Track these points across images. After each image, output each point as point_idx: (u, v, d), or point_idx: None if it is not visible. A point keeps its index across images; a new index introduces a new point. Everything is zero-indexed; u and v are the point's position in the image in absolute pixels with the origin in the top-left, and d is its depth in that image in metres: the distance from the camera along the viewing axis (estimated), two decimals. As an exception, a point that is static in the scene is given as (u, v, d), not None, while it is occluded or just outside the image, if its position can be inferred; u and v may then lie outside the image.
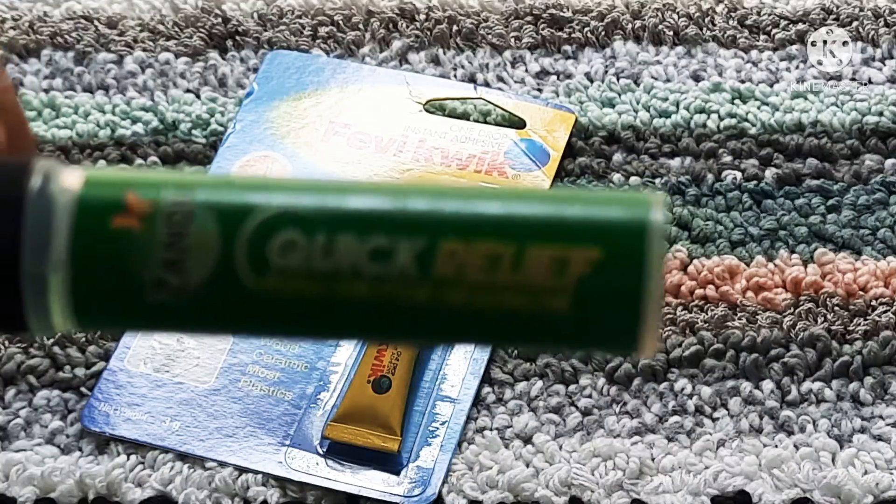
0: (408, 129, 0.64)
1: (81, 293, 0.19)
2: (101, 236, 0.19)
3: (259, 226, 0.19)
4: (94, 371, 0.56)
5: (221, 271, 0.19)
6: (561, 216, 0.19)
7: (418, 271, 0.19)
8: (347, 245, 0.19)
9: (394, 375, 0.54)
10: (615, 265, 0.19)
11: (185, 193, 0.19)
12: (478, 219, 0.19)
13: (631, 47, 0.68)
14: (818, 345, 0.56)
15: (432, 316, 0.19)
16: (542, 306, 0.19)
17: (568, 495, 0.52)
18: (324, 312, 0.19)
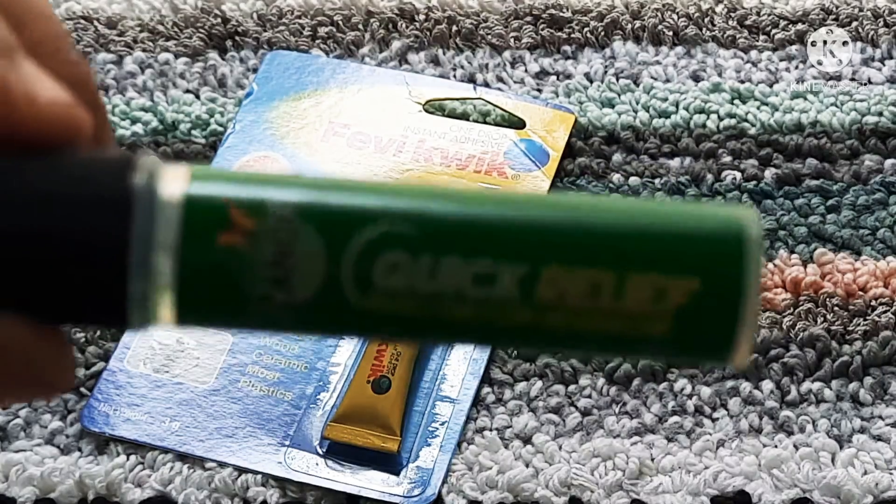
0: (407, 129, 0.64)
1: (186, 300, 0.20)
2: (207, 252, 0.19)
3: (365, 245, 0.19)
4: (93, 371, 0.56)
5: (327, 289, 0.19)
6: (660, 243, 0.19)
7: (520, 296, 0.19)
8: (452, 268, 0.19)
9: (393, 375, 0.54)
10: (713, 293, 0.19)
11: (287, 208, 0.19)
12: (579, 245, 0.19)
13: (630, 47, 0.68)
14: (818, 345, 0.56)
15: (532, 335, 0.20)
16: (642, 330, 0.20)
17: (567, 495, 0.52)
18: (425, 328, 0.19)
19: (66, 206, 0.19)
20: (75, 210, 0.19)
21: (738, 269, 0.19)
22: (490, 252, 0.19)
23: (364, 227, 0.19)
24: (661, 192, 0.62)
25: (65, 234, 0.19)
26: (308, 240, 0.19)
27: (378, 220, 0.19)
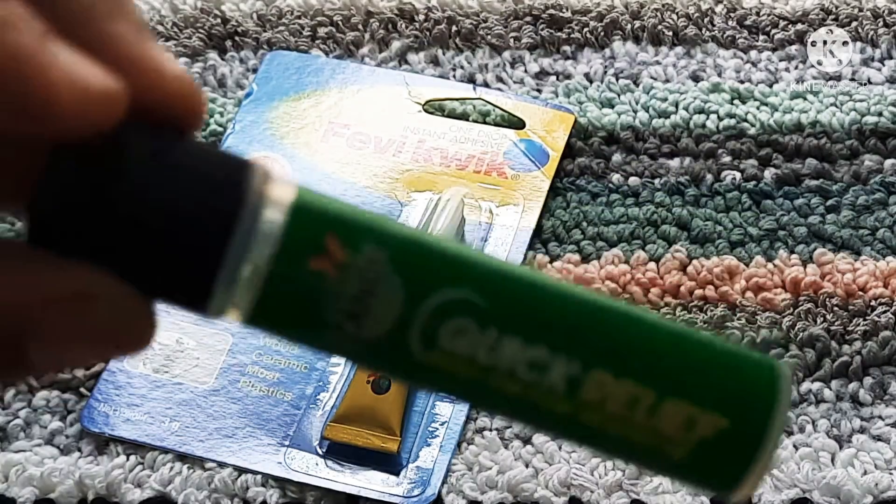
0: (407, 129, 0.64)
1: (263, 306, 0.21)
2: (297, 272, 0.21)
3: (440, 305, 0.21)
4: (93, 372, 0.56)
5: (395, 334, 0.21)
6: (703, 378, 0.21)
7: (566, 390, 0.21)
8: (512, 348, 0.21)
9: (393, 376, 0.54)
10: (736, 436, 0.21)
11: (381, 250, 0.21)
12: (632, 360, 0.21)
13: (630, 48, 0.68)
14: (817, 345, 0.56)
15: (564, 424, 0.21)
16: (662, 449, 0.21)
17: (567, 495, 0.52)
18: (471, 392, 0.21)
19: (184, 190, 0.20)
20: (191, 194, 0.20)
21: (765, 422, 0.21)
22: (550, 343, 0.21)
23: (444, 289, 0.21)
24: (661, 192, 0.62)
25: (178, 214, 0.20)
26: (391, 286, 0.21)
27: (459, 286, 0.21)
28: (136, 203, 0.20)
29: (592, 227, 0.60)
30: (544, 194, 0.61)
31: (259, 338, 0.56)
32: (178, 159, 0.21)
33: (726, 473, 0.21)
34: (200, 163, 0.21)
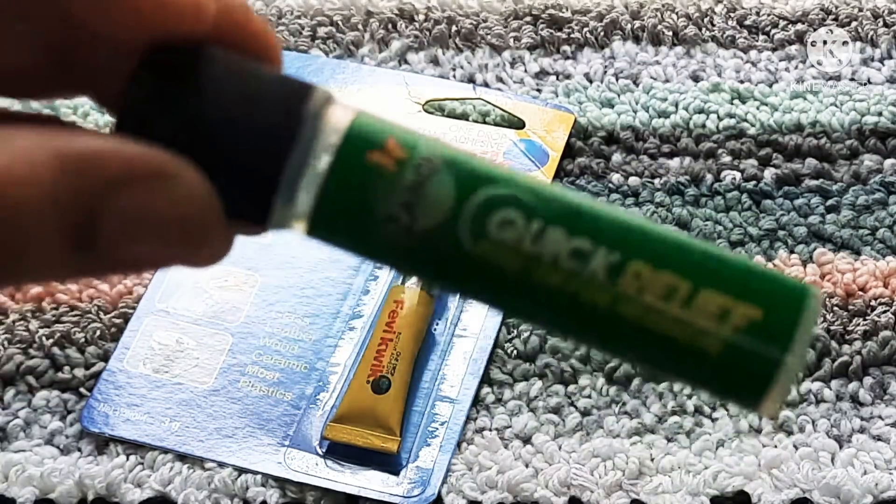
0: (407, 129, 0.64)
1: (325, 207, 0.23)
2: (358, 165, 0.22)
3: (489, 198, 0.22)
4: (93, 372, 0.56)
5: (447, 224, 0.22)
6: (737, 271, 0.22)
7: (606, 279, 0.22)
8: (556, 238, 0.22)
9: (393, 376, 0.54)
10: (769, 329, 0.22)
11: (435, 152, 0.23)
12: (668, 251, 0.22)
13: (630, 47, 0.68)
14: (817, 345, 0.56)
15: (602, 319, 0.22)
16: (697, 342, 0.22)
17: (567, 495, 0.52)
18: (516, 284, 0.22)
19: (253, 107, 0.22)
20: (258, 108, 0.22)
21: (796, 316, 0.22)
22: (592, 235, 0.22)
23: (492, 185, 0.22)
24: (660, 192, 0.62)
25: (247, 127, 0.22)
26: (444, 180, 0.22)
27: (506, 185, 0.22)
28: (210, 110, 0.22)
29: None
30: (544, 194, 0.61)
31: (259, 338, 0.56)
32: (249, 75, 0.23)
33: (756, 373, 0.22)
34: (268, 80, 0.23)
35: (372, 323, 0.57)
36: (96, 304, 0.58)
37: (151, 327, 0.57)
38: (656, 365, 0.23)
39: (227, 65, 0.23)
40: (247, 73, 0.23)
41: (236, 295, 0.58)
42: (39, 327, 0.57)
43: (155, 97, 0.22)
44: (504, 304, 0.23)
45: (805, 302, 0.22)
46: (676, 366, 0.23)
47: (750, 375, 0.22)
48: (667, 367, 0.23)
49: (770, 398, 0.22)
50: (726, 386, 0.23)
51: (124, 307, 0.58)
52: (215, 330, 0.57)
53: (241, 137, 0.22)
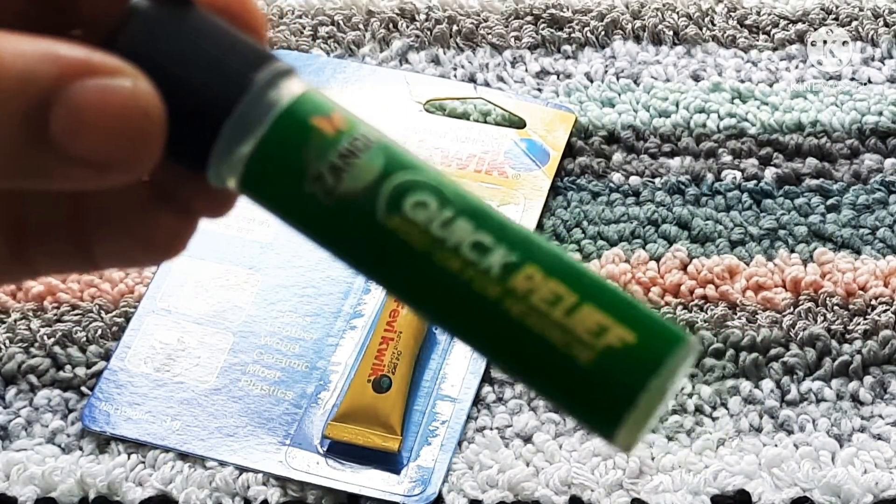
0: (408, 128, 0.64)
1: (261, 156, 0.24)
2: (300, 123, 0.24)
3: (409, 181, 0.24)
4: (94, 371, 0.56)
5: (365, 193, 0.24)
6: (622, 300, 0.24)
7: (500, 273, 0.24)
8: (463, 228, 0.24)
9: (394, 375, 0.54)
10: (641, 354, 0.23)
11: (373, 135, 0.24)
12: (562, 266, 0.24)
13: (631, 47, 0.68)
14: (818, 344, 0.56)
15: (488, 311, 0.24)
16: (570, 349, 0.23)
17: (568, 494, 0.52)
18: (417, 263, 0.24)
19: (216, 60, 0.24)
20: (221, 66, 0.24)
21: (668, 351, 0.23)
22: (495, 234, 0.24)
23: (416, 172, 0.24)
24: (661, 192, 0.62)
25: (205, 77, 0.24)
26: (374, 156, 0.24)
27: (429, 176, 0.24)
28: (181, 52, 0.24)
29: (593, 227, 0.61)
30: (545, 193, 0.62)
31: (260, 337, 0.56)
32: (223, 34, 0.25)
33: (619, 392, 0.23)
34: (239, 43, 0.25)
35: (373, 322, 0.57)
36: (98, 304, 0.58)
37: (153, 326, 0.57)
38: (526, 368, 0.24)
39: (206, 20, 0.25)
40: (222, 32, 0.24)
41: (237, 294, 0.58)
42: (41, 326, 0.57)
43: (139, 27, 0.24)
44: (399, 281, 0.24)
45: (680, 342, 0.23)
46: (545, 371, 0.24)
47: (612, 394, 0.23)
48: (536, 371, 0.24)
49: (627, 424, 0.23)
50: (588, 402, 0.24)
51: (126, 306, 0.58)
52: (216, 329, 0.57)
53: (199, 83, 0.24)
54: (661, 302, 0.58)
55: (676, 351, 0.24)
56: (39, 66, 0.22)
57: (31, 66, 0.22)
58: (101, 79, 0.23)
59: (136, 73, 0.23)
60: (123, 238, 0.26)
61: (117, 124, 0.23)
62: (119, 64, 0.23)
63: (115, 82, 0.23)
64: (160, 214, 0.26)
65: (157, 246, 0.26)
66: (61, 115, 0.22)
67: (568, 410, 0.24)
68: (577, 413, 0.24)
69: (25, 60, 0.22)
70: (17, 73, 0.22)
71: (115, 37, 0.24)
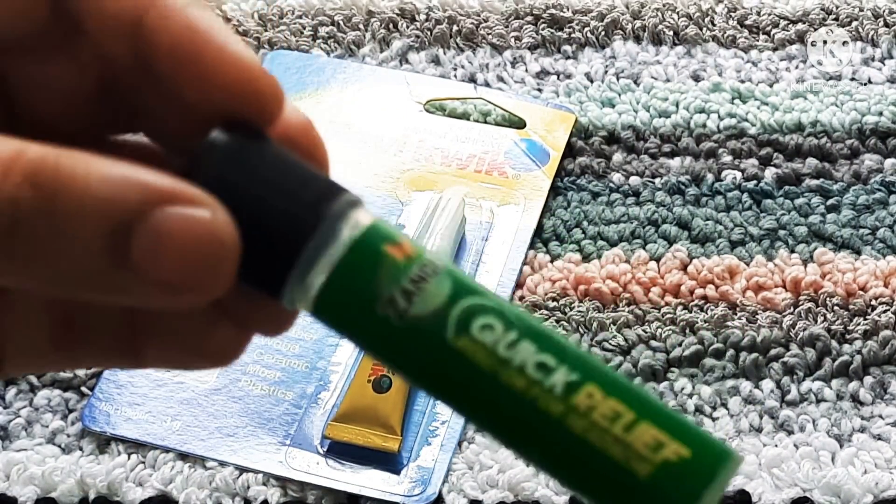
0: (408, 129, 0.64)
1: (337, 280, 0.26)
2: (374, 251, 0.26)
3: (476, 304, 0.26)
4: (94, 371, 0.56)
5: (435, 316, 0.26)
6: (674, 418, 0.26)
7: (563, 392, 0.25)
8: (526, 349, 0.25)
9: (394, 375, 0.54)
10: (695, 467, 0.25)
11: (440, 261, 0.26)
12: (619, 385, 0.25)
13: (631, 47, 0.68)
14: (818, 344, 0.56)
15: (552, 426, 0.25)
16: (630, 463, 0.25)
17: (568, 494, 0.52)
18: (484, 382, 0.25)
19: (290, 194, 0.26)
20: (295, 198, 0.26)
21: (720, 465, 0.25)
22: (557, 354, 0.25)
23: (482, 298, 0.26)
24: (661, 192, 0.62)
25: (282, 208, 0.25)
26: (443, 281, 0.26)
27: (493, 301, 0.26)
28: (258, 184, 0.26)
29: (593, 227, 0.61)
30: (545, 194, 0.62)
31: (260, 337, 0.56)
32: (296, 166, 0.26)
33: (676, 500, 0.25)
34: (311, 175, 0.26)
35: (373, 322, 0.57)
36: (98, 304, 0.58)
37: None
38: (588, 482, 0.26)
39: (279, 153, 0.26)
40: (294, 164, 0.26)
41: (237, 294, 0.58)
42: (41, 326, 0.57)
43: (217, 159, 0.26)
44: (468, 399, 0.26)
45: (729, 457, 0.25)
46: (607, 485, 0.25)
47: (673, 499, 0.25)
48: (597, 485, 0.26)
49: None
50: None
51: (126, 306, 0.58)
52: (216, 329, 0.57)
53: (275, 214, 0.25)
54: (662, 302, 0.58)
55: (727, 465, 0.25)
56: (126, 192, 0.23)
57: (117, 190, 0.23)
58: (183, 208, 0.24)
59: (214, 204, 0.24)
60: (177, 346, 0.27)
61: (195, 252, 0.24)
62: (199, 194, 0.24)
63: (195, 212, 0.24)
64: (217, 328, 0.27)
65: (211, 356, 0.27)
66: (143, 239, 0.24)
67: None
68: None
69: (113, 184, 0.23)
70: (105, 196, 0.23)
71: (194, 167, 0.25)
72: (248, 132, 0.26)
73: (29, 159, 0.23)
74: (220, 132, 0.26)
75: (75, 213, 0.23)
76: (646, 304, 0.58)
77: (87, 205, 0.23)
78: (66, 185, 0.23)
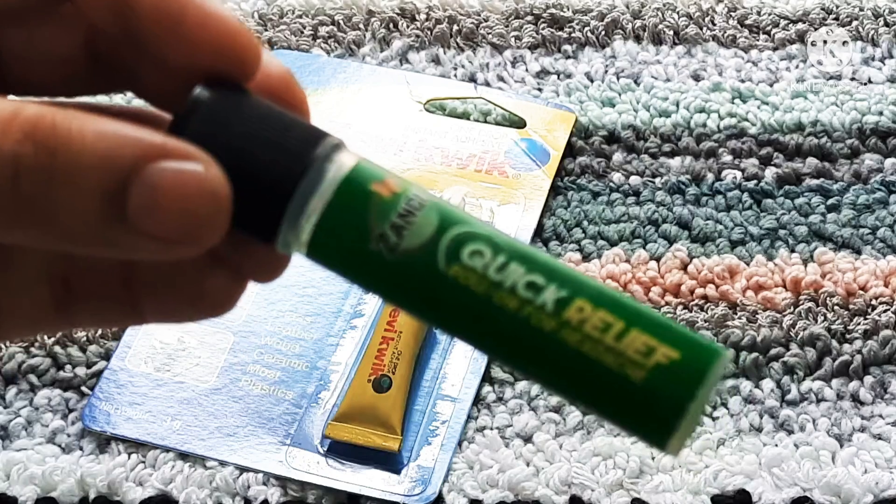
0: (408, 128, 0.64)
1: (327, 221, 0.27)
2: (361, 190, 0.27)
3: (464, 233, 0.27)
4: (94, 370, 0.56)
5: (426, 247, 0.26)
6: (661, 322, 0.26)
7: (554, 308, 0.26)
8: (516, 271, 0.26)
9: (394, 374, 0.54)
10: (685, 368, 0.26)
11: (425, 194, 0.27)
12: (607, 297, 0.26)
13: (631, 47, 0.68)
14: (818, 344, 0.56)
15: (546, 342, 0.26)
16: (624, 370, 0.26)
17: (568, 494, 0.52)
18: (478, 305, 0.26)
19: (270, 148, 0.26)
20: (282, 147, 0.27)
21: (710, 364, 0.26)
22: (545, 274, 0.26)
23: (469, 226, 0.27)
24: (661, 191, 0.62)
25: (264, 165, 0.26)
26: (429, 213, 0.27)
27: (480, 228, 0.27)
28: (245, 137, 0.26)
29: (593, 226, 0.61)
30: (545, 193, 0.62)
31: (260, 337, 0.56)
32: (279, 116, 0.27)
33: (671, 405, 0.26)
34: (294, 123, 0.27)
35: (373, 322, 0.57)
36: (98, 303, 0.58)
37: (153, 326, 0.57)
38: (584, 391, 0.27)
39: (260, 104, 0.27)
40: (276, 114, 0.27)
41: (238, 294, 0.58)
42: (41, 326, 0.57)
43: (204, 114, 0.26)
44: (464, 323, 0.27)
45: (719, 355, 0.26)
46: (603, 392, 0.26)
47: (665, 406, 0.26)
48: (594, 392, 0.26)
49: (678, 433, 0.26)
50: (643, 415, 0.26)
51: (126, 306, 0.58)
52: (216, 329, 0.57)
53: (264, 163, 0.26)
54: (662, 302, 0.58)
55: (717, 363, 0.26)
56: (121, 148, 0.24)
57: (113, 146, 0.24)
58: (176, 162, 0.25)
59: (206, 158, 0.25)
60: (174, 297, 0.28)
61: (189, 205, 0.25)
62: (191, 149, 0.25)
63: (188, 166, 0.25)
64: (213, 276, 0.27)
65: (207, 305, 0.28)
66: (139, 193, 0.24)
67: (623, 425, 0.27)
68: (632, 426, 0.27)
69: (109, 141, 0.24)
70: (101, 153, 0.24)
71: (183, 124, 0.26)
72: (230, 87, 0.27)
73: (27, 117, 0.24)
74: (203, 89, 0.27)
75: (74, 169, 0.24)
76: (646, 304, 0.58)
77: (84, 160, 0.24)
78: (64, 141, 0.24)
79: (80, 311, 0.28)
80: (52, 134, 0.24)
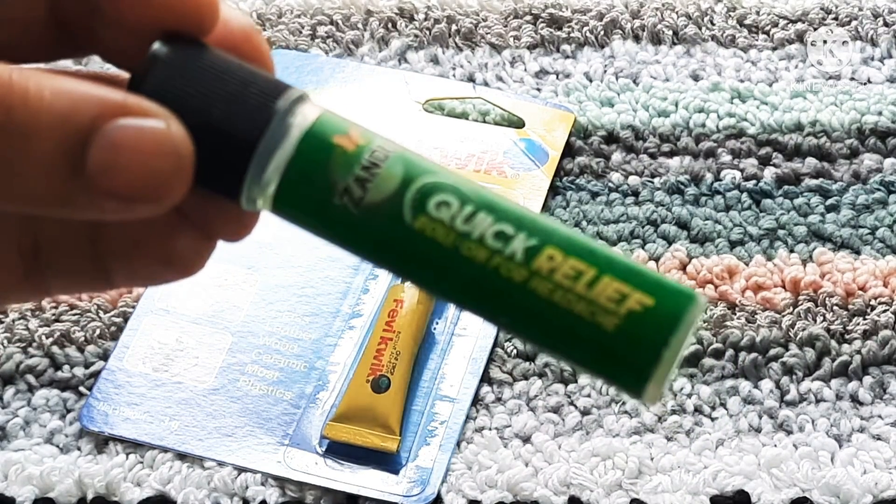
0: (407, 128, 0.64)
1: (291, 176, 0.26)
2: (324, 144, 0.26)
3: (430, 184, 0.26)
4: (92, 371, 0.56)
5: (391, 199, 0.26)
6: (634, 269, 0.26)
7: (523, 257, 0.26)
8: (484, 221, 0.26)
9: (393, 375, 0.54)
10: (659, 314, 0.25)
11: (389, 146, 0.26)
12: (578, 244, 0.26)
13: (630, 47, 0.68)
14: (817, 344, 0.56)
15: (516, 292, 0.26)
16: (596, 318, 0.25)
17: (567, 495, 0.52)
18: (446, 257, 0.26)
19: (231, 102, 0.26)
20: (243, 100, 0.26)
21: (683, 308, 0.25)
22: (514, 223, 0.26)
23: (435, 176, 0.26)
24: (660, 191, 0.62)
25: (225, 119, 0.26)
26: (394, 164, 0.26)
27: (446, 178, 0.26)
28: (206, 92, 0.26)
29: (592, 226, 0.60)
30: (544, 193, 0.61)
31: (259, 337, 0.56)
32: (239, 69, 0.27)
33: (645, 352, 0.25)
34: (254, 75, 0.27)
35: (371, 322, 0.57)
36: (96, 303, 0.58)
37: (151, 326, 0.57)
38: (557, 341, 0.26)
39: (221, 58, 0.27)
40: (236, 67, 0.27)
41: (236, 294, 0.58)
42: (39, 326, 0.57)
43: (163, 71, 0.26)
44: (432, 275, 0.26)
45: (692, 300, 0.26)
46: (575, 341, 0.26)
47: (639, 353, 0.25)
48: (566, 342, 0.26)
49: (654, 379, 0.25)
50: (617, 363, 0.26)
51: (124, 306, 0.58)
52: (215, 329, 0.57)
53: (225, 118, 0.26)
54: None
55: (691, 308, 0.26)
56: (80, 105, 0.24)
57: (72, 104, 0.24)
58: (136, 119, 0.24)
59: (167, 115, 0.25)
60: (142, 258, 0.27)
61: (149, 162, 0.24)
62: (152, 106, 0.25)
63: (149, 122, 0.24)
64: (180, 236, 0.27)
65: (176, 265, 0.27)
66: (98, 151, 0.24)
67: (599, 374, 0.26)
68: (607, 375, 0.26)
69: (67, 98, 0.24)
70: (59, 110, 0.24)
71: (141, 81, 0.26)
72: (188, 42, 0.27)
73: None
74: (161, 45, 0.26)
75: (32, 128, 0.24)
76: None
77: (42, 119, 0.24)
78: (21, 99, 0.24)
79: (51, 278, 0.28)
80: (8, 92, 0.23)
